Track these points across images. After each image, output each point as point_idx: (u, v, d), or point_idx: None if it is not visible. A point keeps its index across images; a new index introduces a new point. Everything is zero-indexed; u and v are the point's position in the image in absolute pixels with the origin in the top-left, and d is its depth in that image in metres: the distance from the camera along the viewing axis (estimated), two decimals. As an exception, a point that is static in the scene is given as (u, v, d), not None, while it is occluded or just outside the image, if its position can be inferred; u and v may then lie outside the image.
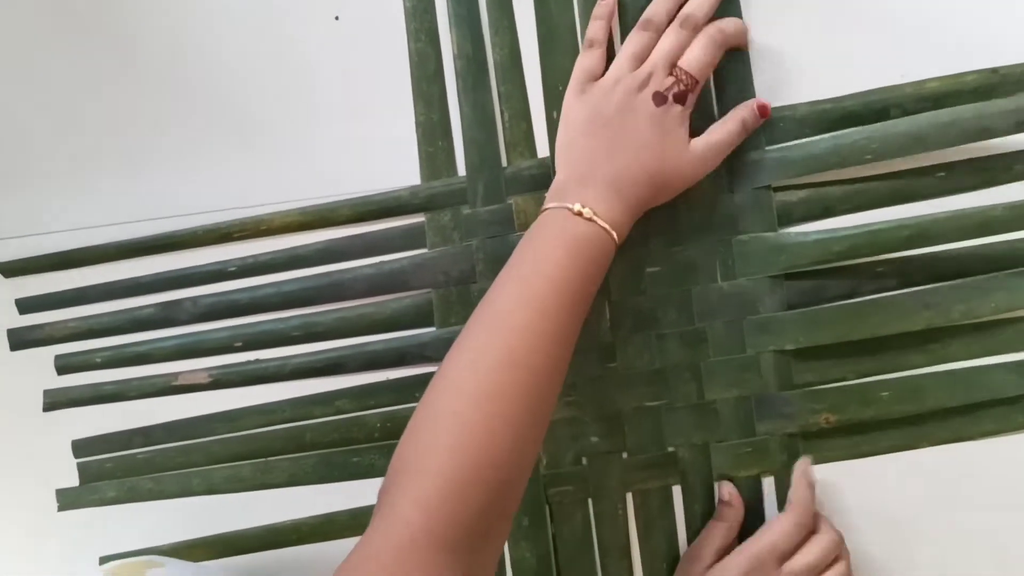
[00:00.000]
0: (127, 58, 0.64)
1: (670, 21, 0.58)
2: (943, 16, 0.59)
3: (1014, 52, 0.57)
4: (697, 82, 0.56)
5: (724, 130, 0.57)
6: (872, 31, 0.59)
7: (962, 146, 0.57)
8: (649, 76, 0.55)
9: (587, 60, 0.58)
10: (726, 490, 0.59)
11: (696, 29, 0.57)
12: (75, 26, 0.65)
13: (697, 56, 0.56)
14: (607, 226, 0.52)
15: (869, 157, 0.57)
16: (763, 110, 0.58)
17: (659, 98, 0.55)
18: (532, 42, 0.61)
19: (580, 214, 0.52)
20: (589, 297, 0.53)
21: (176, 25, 0.64)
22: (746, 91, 0.59)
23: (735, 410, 0.60)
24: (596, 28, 0.58)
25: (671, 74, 0.56)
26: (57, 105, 0.65)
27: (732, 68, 0.59)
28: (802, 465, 0.58)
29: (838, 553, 0.56)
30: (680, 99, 0.55)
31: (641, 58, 0.57)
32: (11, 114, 0.66)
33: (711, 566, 0.56)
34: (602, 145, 0.55)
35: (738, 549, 0.56)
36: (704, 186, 0.59)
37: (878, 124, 0.58)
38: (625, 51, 0.57)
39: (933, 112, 0.57)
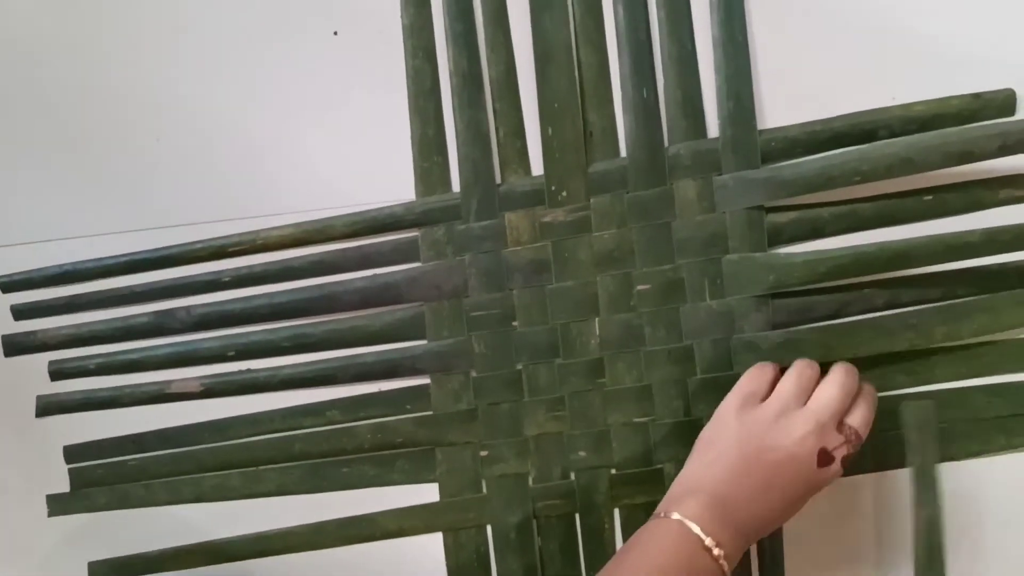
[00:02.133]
0: (126, 68, 0.65)
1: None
2: (930, 41, 0.60)
3: (995, 78, 0.59)
4: (862, 444, 0.53)
5: None
6: (863, 54, 0.60)
7: (949, 169, 0.58)
8: (818, 425, 0.52)
9: (753, 378, 0.56)
10: None
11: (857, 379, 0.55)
12: (76, 36, 0.65)
13: (866, 417, 0.53)
14: (726, 566, 0.50)
15: (858, 179, 0.58)
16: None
17: (824, 457, 0.51)
18: (528, 60, 0.61)
19: (716, 558, 0.49)
20: None
21: (175, 35, 0.64)
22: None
23: (722, 427, 0.60)
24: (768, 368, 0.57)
25: (839, 430, 0.52)
26: (55, 114, 0.65)
27: (732, 87, 0.60)
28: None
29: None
30: (845, 463, 0.52)
31: (807, 392, 0.53)
32: (10, 121, 0.66)
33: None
34: (754, 484, 0.51)
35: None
36: (695, 205, 0.60)
37: (867, 145, 0.58)
38: (792, 381, 0.54)
39: (921, 135, 0.58)
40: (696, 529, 0.50)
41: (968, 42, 0.59)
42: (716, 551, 0.49)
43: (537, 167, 0.62)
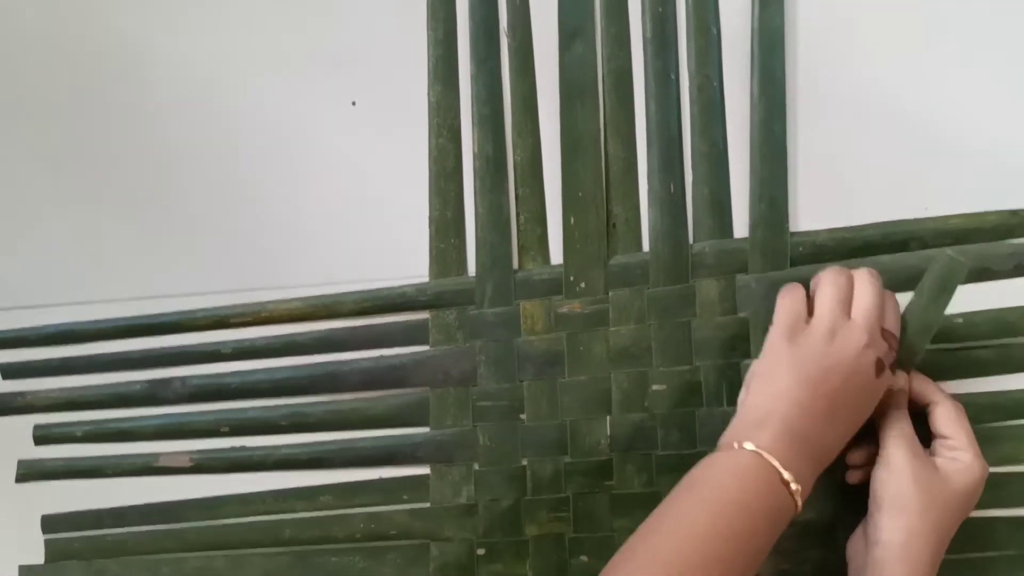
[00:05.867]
0: (137, 133, 0.64)
1: None
2: (969, 152, 0.58)
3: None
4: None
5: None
6: (900, 160, 0.59)
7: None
8: (871, 336, 0.51)
9: (792, 301, 0.53)
10: None
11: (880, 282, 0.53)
12: (87, 100, 0.64)
13: (897, 319, 0.53)
14: (800, 502, 0.49)
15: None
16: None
17: (880, 366, 0.51)
18: (554, 146, 0.60)
19: (790, 491, 0.48)
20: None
21: (189, 101, 0.63)
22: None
23: (732, 541, 0.58)
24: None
25: (884, 337, 0.51)
26: (63, 177, 0.64)
27: (767, 188, 0.58)
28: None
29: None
30: (894, 369, 0.52)
31: (847, 302, 0.52)
32: (15, 184, 0.65)
33: None
34: (822, 408, 0.50)
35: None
36: (716, 305, 0.58)
37: (888, 256, 0.57)
38: (831, 294, 0.52)
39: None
40: (775, 463, 0.48)
41: (1009, 156, 0.58)
42: (794, 486, 0.48)
43: (556, 256, 0.60)
